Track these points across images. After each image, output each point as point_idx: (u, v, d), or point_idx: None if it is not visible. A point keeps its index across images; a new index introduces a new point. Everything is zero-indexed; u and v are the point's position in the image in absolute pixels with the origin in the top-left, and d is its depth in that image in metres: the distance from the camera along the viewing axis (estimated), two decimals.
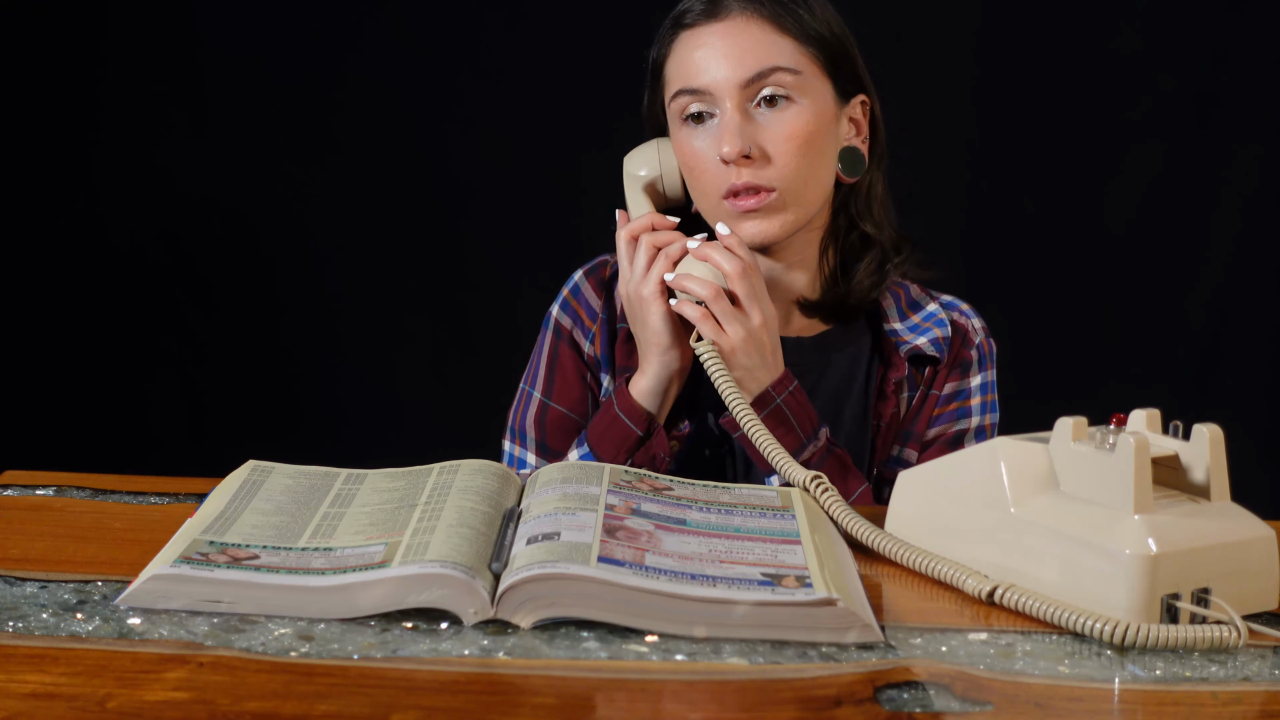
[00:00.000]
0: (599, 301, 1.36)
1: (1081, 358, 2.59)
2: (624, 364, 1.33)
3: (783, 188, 1.26)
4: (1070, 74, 2.52)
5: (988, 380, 1.38)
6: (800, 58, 1.26)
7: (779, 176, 1.26)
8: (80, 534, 1.01)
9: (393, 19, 2.51)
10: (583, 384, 1.35)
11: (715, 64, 1.25)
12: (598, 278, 1.38)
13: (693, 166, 1.29)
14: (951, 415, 1.36)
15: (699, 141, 1.27)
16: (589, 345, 1.36)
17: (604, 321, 1.35)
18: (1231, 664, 0.85)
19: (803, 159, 1.26)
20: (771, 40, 1.26)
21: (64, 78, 2.54)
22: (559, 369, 1.36)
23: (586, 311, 1.36)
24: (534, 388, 1.37)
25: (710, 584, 0.86)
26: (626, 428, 1.24)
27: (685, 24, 1.28)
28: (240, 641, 0.83)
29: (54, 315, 2.62)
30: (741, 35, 1.25)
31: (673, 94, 1.28)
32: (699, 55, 1.26)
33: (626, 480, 1.04)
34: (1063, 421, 0.94)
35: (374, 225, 2.58)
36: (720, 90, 1.25)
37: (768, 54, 1.25)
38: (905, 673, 0.81)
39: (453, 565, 0.86)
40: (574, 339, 1.36)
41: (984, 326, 1.40)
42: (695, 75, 1.26)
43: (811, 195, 1.29)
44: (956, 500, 0.98)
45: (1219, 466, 0.93)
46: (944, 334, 1.36)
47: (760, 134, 1.25)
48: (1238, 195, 2.53)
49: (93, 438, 2.60)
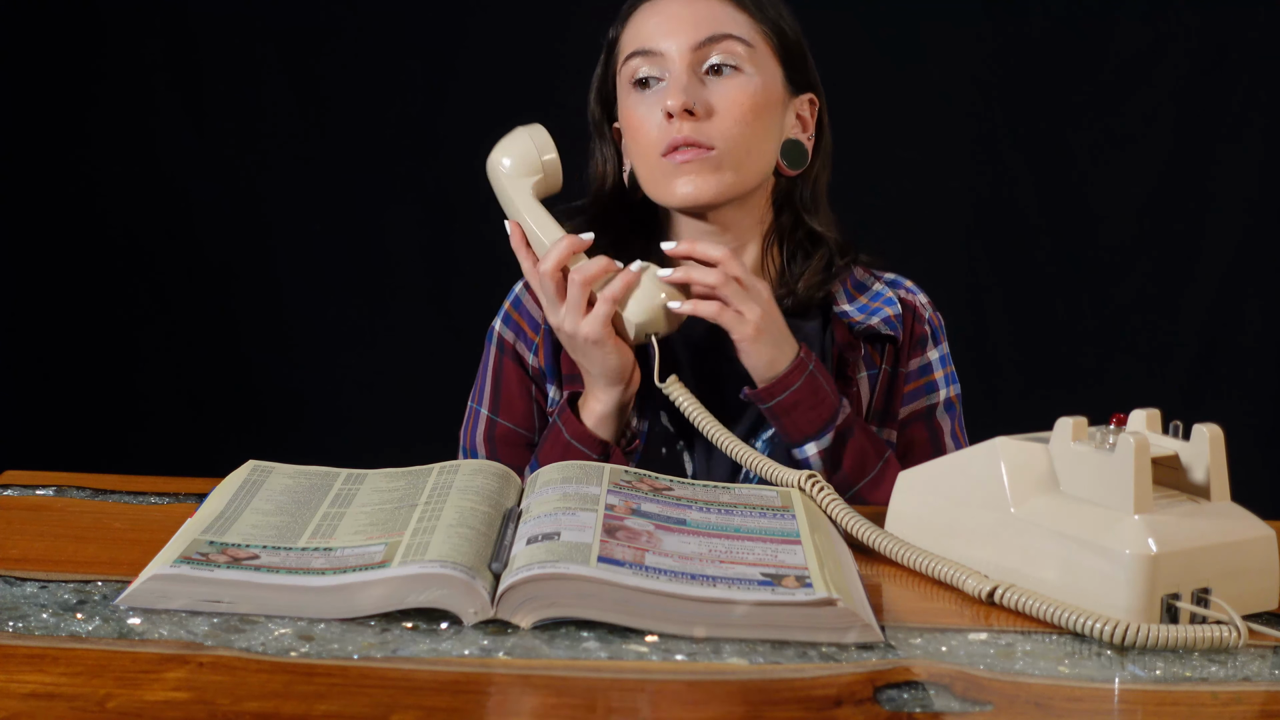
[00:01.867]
0: (540, 313, 1.35)
1: (1081, 358, 2.59)
2: (569, 372, 1.33)
3: (722, 147, 1.26)
4: (1070, 73, 2.52)
5: (945, 353, 1.38)
6: (754, 33, 1.29)
7: (720, 135, 1.26)
8: (80, 534, 1.01)
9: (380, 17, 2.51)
10: (528, 398, 1.35)
11: (669, 28, 1.27)
12: None
13: (636, 128, 1.29)
14: (920, 391, 1.35)
15: (645, 105, 1.28)
16: (533, 357, 1.35)
17: (546, 332, 1.35)
18: (1231, 664, 0.85)
19: (746, 126, 1.27)
20: (728, 13, 1.28)
21: (60, 78, 2.54)
22: (504, 385, 1.36)
23: (529, 323, 1.36)
24: (481, 404, 1.37)
25: (710, 584, 0.86)
26: (581, 454, 1.23)
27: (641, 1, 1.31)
28: (240, 641, 0.83)
29: (53, 315, 2.62)
30: (699, 4, 1.28)
31: (625, 58, 1.30)
32: (654, 22, 1.28)
33: (626, 480, 1.04)
34: (1063, 421, 0.94)
35: (374, 225, 2.58)
36: (671, 52, 1.27)
37: (722, 23, 1.27)
38: (905, 673, 0.81)
39: (453, 565, 0.86)
40: (517, 353, 1.36)
41: (930, 301, 1.40)
42: (648, 39, 1.28)
43: (750, 166, 1.29)
44: (956, 500, 0.98)
45: (1219, 466, 0.93)
46: (895, 312, 1.35)
47: (707, 94, 1.26)
48: (1238, 195, 2.53)
49: (93, 438, 2.60)
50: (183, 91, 2.55)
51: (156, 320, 2.62)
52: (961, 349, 2.75)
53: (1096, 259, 2.57)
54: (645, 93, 1.28)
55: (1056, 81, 2.52)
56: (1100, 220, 2.56)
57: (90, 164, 2.58)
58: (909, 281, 1.41)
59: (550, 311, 1.23)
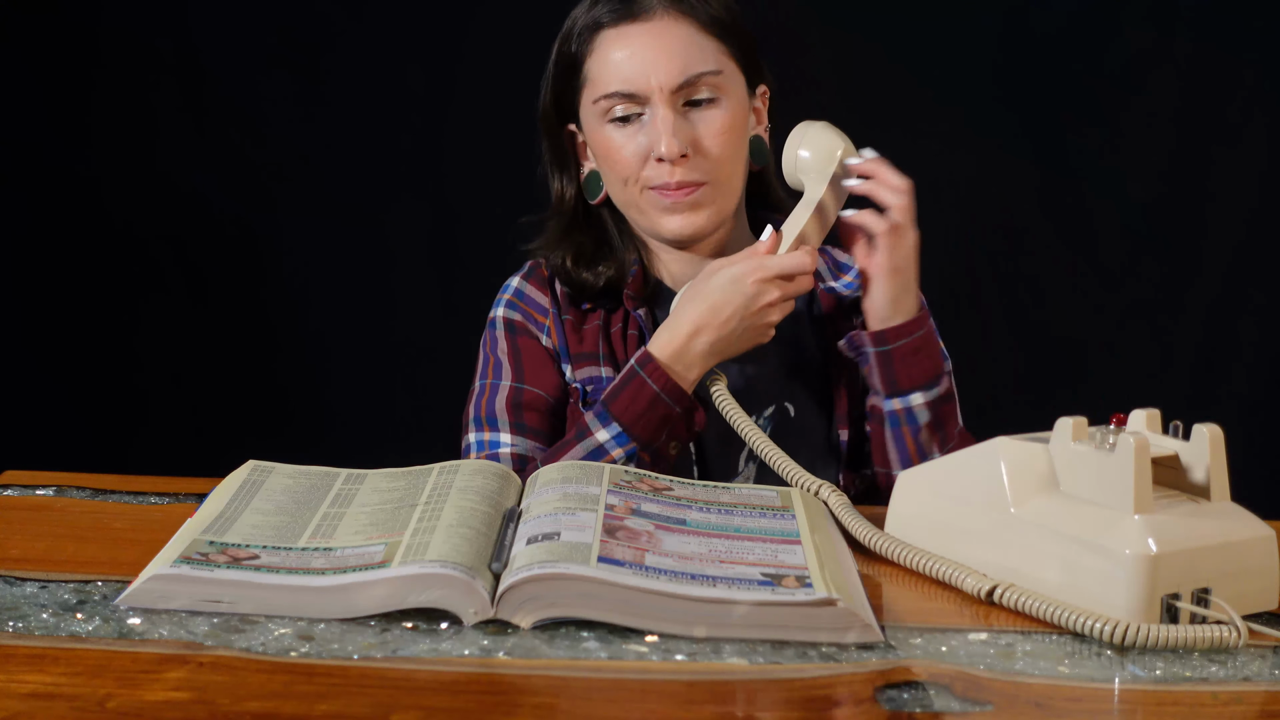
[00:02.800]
0: (546, 298, 1.37)
1: (1082, 358, 2.59)
2: (577, 350, 1.34)
3: (711, 179, 1.29)
4: (1071, 74, 2.52)
5: None
6: (721, 57, 1.29)
7: (710, 169, 1.28)
8: (80, 534, 1.01)
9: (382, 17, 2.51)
10: (555, 371, 1.35)
11: (645, 67, 1.27)
12: (538, 277, 1.39)
13: (617, 161, 1.29)
14: None
15: (627, 140, 1.29)
16: (546, 339, 1.36)
17: (554, 315, 1.36)
18: (1231, 664, 0.85)
19: (731, 152, 1.30)
20: (695, 40, 1.28)
21: (62, 78, 2.54)
22: (525, 356, 1.35)
23: (536, 309, 1.37)
24: (499, 378, 1.36)
25: (710, 584, 0.86)
26: (666, 406, 1.23)
27: (605, 23, 1.29)
28: (240, 641, 0.83)
29: (53, 315, 2.62)
30: (667, 36, 1.27)
31: (599, 96, 1.29)
32: (625, 56, 1.28)
33: (626, 480, 1.04)
34: (1063, 421, 0.94)
35: (376, 224, 2.58)
36: (652, 95, 1.27)
37: (695, 58, 1.28)
38: (905, 673, 0.81)
39: (453, 565, 0.86)
40: (531, 332, 1.36)
41: None
42: (626, 79, 1.27)
43: (734, 187, 1.33)
44: (956, 500, 0.98)
45: (1219, 466, 0.93)
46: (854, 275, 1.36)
47: (690, 132, 1.28)
48: (1239, 195, 2.53)
49: (93, 438, 2.60)
50: (185, 91, 2.55)
51: (157, 320, 2.62)
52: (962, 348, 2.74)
53: (1097, 259, 2.56)
54: (626, 127, 1.29)
55: (1057, 81, 2.51)
56: (1101, 220, 2.56)
57: (91, 163, 2.57)
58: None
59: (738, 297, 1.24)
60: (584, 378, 1.34)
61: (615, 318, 1.36)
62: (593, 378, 1.34)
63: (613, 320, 1.36)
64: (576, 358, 1.34)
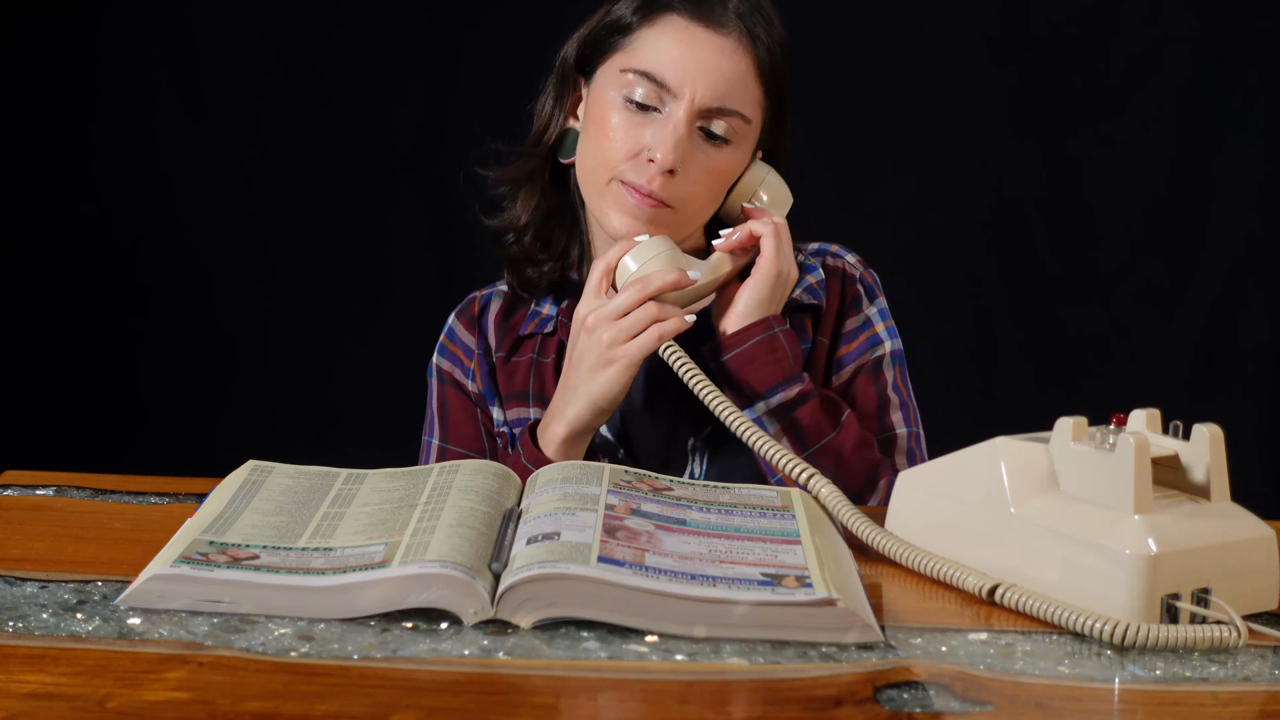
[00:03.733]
0: (473, 339, 1.37)
1: (1082, 357, 2.59)
2: (508, 390, 1.34)
3: (679, 209, 1.26)
4: (1072, 74, 2.52)
5: (882, 307, 1.38)
6: (756, 108, 1.27)
7: (684, 199, 1.26)
8: (80, 534, 1.01)
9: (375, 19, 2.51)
10: (474, 421, 1.35)
11: (693, 73, 1.23)
12: (468, 316, 1.39)
13: (609, 140, 1.25)
14: (864, 346, 1.35)
15: (631, 128, 1.25)
16: (471, 384, 1.36)
17: (480, 356, 1.36)
18: (1231, 664, 0.85)
19: (711, 194, 1.29)
20: (746, 78, 1.26)
21: (61, 79, 2.54)
22: (449, 412, 1.36)
23: (463, 351, 1.37)
24: (431, 436, 1.37)
25: (710, 584, 0.86)
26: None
27: (677, 7, 1.25)
28: (240, 641, 0.83)
29: (53, 315, 2.62)
30: (728, 59, 1.24)
31: (632, 68, 1.25)
32: (680, 51, 1.24)
33: (626, 480, 1.04)
34: (1063, 421, 0.94)
35: (374, 225, 2.58)
36: (680, 99, 1.23)
37: (738, 94, 1.25)
38: (905, 673, 0.81)
39: (453, 565, 0.86)
40: (456, 380, 1.37)
41: (859, 260, 1.41)
42: (669, 70, 1.24)
43: (695, 224, 1.31)
44: (956, 500, 0.98)
45: (1219, 466, 0.93)
46: (817, 279, 1.36)
47: (690, 157, 1.25)
48: (1239, 195, 2.53)
49: (93, 438, 2.60)
50: (183, 92, 2.55)
51: (157, 320, 2.62)
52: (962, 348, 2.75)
53: (1098, 259, 2.57)
54: (633, 113, 1.25)
55: (1058, 82, 2.52)
56: (1102, 220, 2.56)
57: (90, 164, 2.58)
58: (834, 246, 1.41)
59: (592, 306, 1.22)
60: (514, 419, 1.33)
61: (548, 347, 1.34)
62: (521, 419, 1.33)
63: (545, 351, 1.34)
64: (507, 398, 1.34)
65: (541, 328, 1.35)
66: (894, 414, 1.34)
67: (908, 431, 1.34)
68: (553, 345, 1.34)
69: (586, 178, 1.29)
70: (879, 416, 1.33)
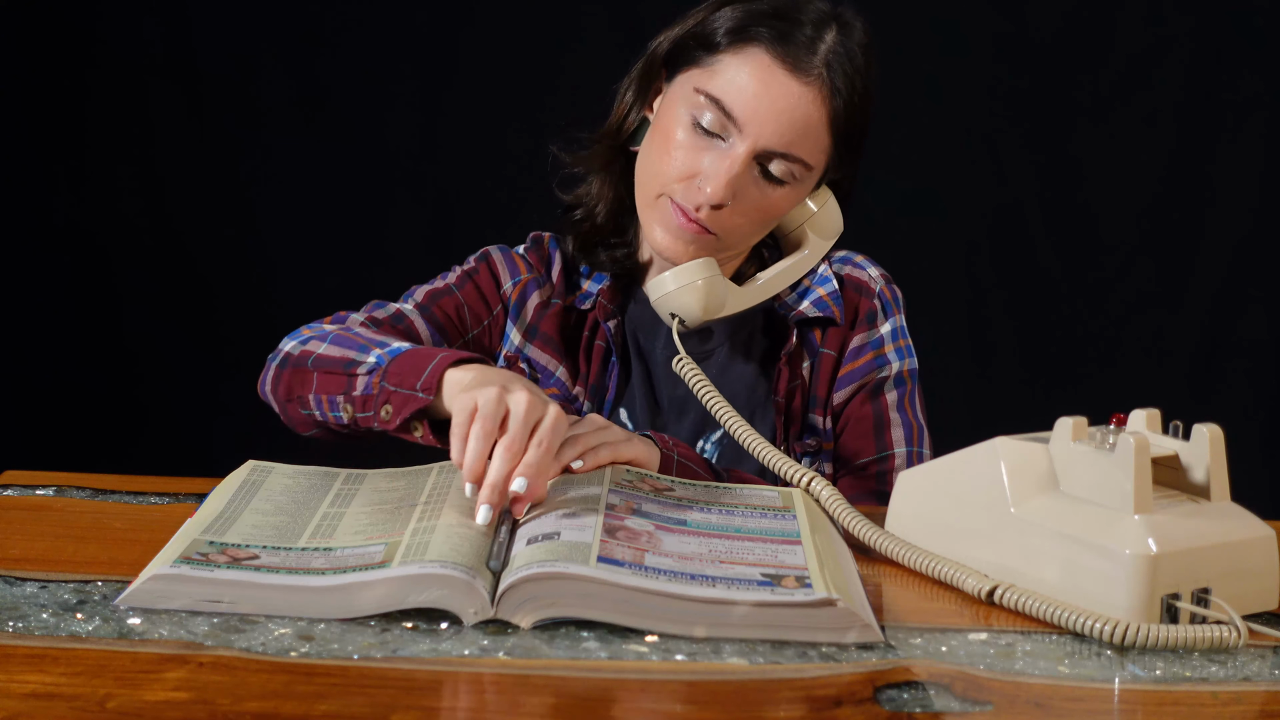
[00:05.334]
0: (538, 268, 1.36)
1: (1082, 357, 2.59)
2: (535, 324, 1.33)
3: (724, 238, 1.25)
4: (1072, 74, 2.52)
5: (898, 325, 1.35)
6: (820, 155, 1.25)
7: (730, 230, 1.25)
8: (80, 534, 1.01)
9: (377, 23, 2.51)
10: (456, 314, 1.33)
11: (762, 113, 1.21)
12: (539, 251, 1.38)
13: (667, 157, 1.24)
14: (870, 365, 1.33)
15: (692, 149, 1.23)
16: (512, 290, 1.35)
17: (532, 283, 1.34)
18: (1231, 664, 0.85)
19: (755, 228, 1.27)
20: (816, 127, 1.23)
21: (60, 79, 2.54)
22: (452, 294, 1.34)
23: (526, 267, 1.35)
24: (445, 280, 1.36)
25: (709, 584, 0.86)
26: (419, 399, 1.08)
27: (765, 41, 1.22)
28: (240, 641, 0.83)
29: (53, 315, 2.62)
30: (801, 106, 1.21)
31: (706, 91, 1.22)
32: (755, 90, 1.21)
33: (628, 480, 1.04)
34: (1063, 421, 0.94)
35: (373, 226, 2.58)
36: (745, 134, 1.21)
37: (804, 141, 1.22)
38: (905, 673, 0.81)
39: (453, 565, 0.86)
40: (495, 276, 1.35)
41: (883, 274, 1.37)
42: (739, 105, 1.21)
43: (739, 251, 1.31)
44: (956, 500, 0.98)
45: (1219, 466, 0.93)
46: (828, 292, 1.33)
47: (742, 191, 1.23)
48: (1238, 195, 2.53)
49: (93, 438, 2.60)
50: (182, 92, 2.55)
51: (157, 320, 2.62)
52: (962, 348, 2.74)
53: (1097, 259, 2.57)
54: (697, 136, 1.23)
55: (1058, 82, 2.51)
56: (1101, 220, 2.56)
57: (88, 164, 2.57)
58: (859, 256, 1.39)
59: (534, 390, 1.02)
60: (535, 357, 1.32)
61: (583, 320, 1.34)
62: (541, 364, 1.32)
63: (585, 324, 1.34)
64: (532, 330, 1.33)
65: (580, 303, 1.34)
66: (893, 432, 1.31)
67: (907, 451, 1.31)
68: (588, 320, 1.33)
69: (642, 181, 1.29)
70: (875, 436, 1.31)
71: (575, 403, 1.31)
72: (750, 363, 1.33)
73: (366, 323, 1.28)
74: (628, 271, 1.35)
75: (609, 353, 1.32)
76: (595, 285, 1.35)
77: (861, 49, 1.27)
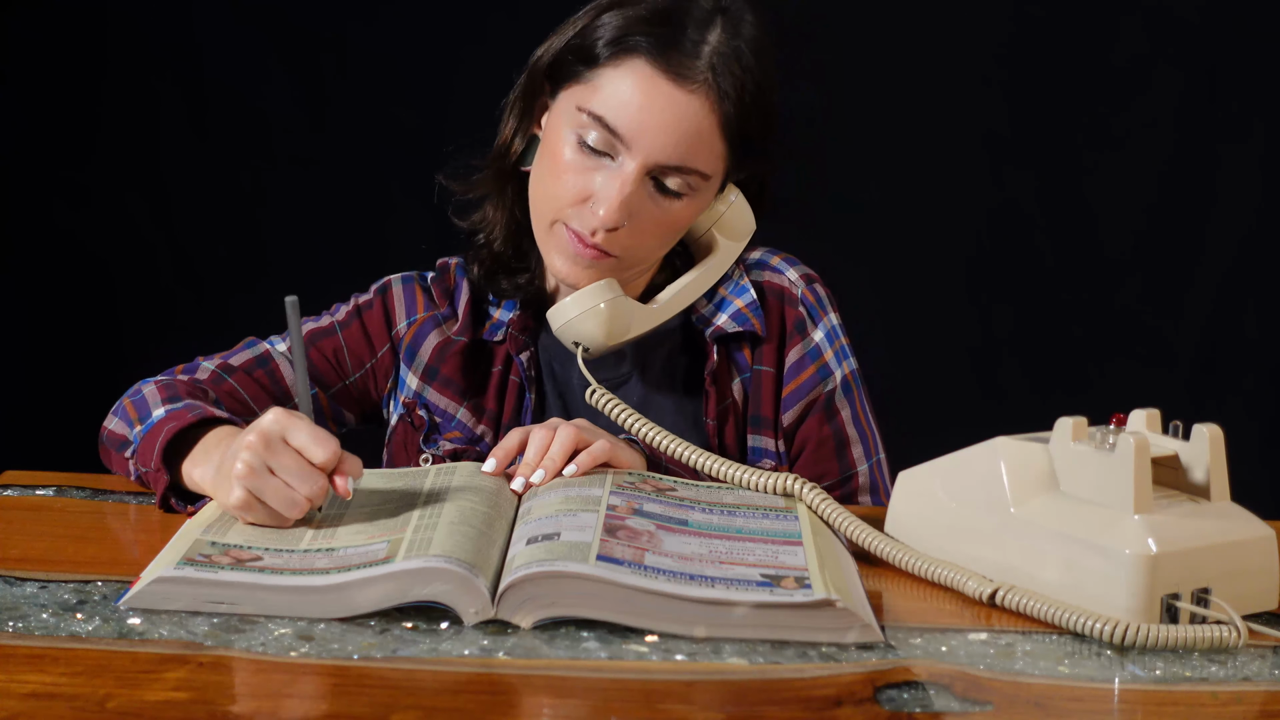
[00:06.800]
0: (439, 305, 1.31)
1: (1082, 358, 2.59)
2: (434, 366, 1.27)
3: (625, 258, 1.20)
4: (1072, 76, 2.52)
5: (830, 327, 1.28)
6: (717, 161, 1.19)
7: (629, 248, 1.19)
8: (80, 534, 1.01)
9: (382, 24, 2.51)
10: (327, 364, 1.31)
11: (648, 128, 1.14)
12: (442, 285, 1.32)
13: (556, 180, 1.18)
14: (814, 379, 1.26)
15: (580, 170, 1.17)
16: (403, 332, 1.29)
17: (431, 321, 1.29)
18: (1231, 664, 0.85)
19: (658, 243, 1.21)
20: (707, 136, 1.16)
21: (63, 80, 2.54)
22: (328, 341, 1.32)
23: (423, 305, 1.31)
24: (273, 340, 1.36)
25: (709, 584, 0.86)
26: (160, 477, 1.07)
27: (644, 52, 1.15)
28: (240, 641, 0.83)
29: (54, 315, 2.62)
30: (689, 118, 1.15)
31: (587, 109, 1.16)
32: (639, 104, 1.15)
33: (629, 481, 1.04)
34: (1063, 421, 0.94)
35: (376, 228, 2.58)
36: (636, 153, 1.15)
37: (697, 153, 1.16)
38: (905, 673, 0.81)
39: (455, 561, 0.86)
40: (388, 319, 1.31)
41: (804, 274, 1.30)
42: (623, 121, 1.15)
43: (644, 267, 1.25)
44: (956, 501, 0.98)
45: (1219, 466, 0.93)
46: (747, 303, 1.27)
47: (638, 210, 1.17)
48: (1239, 196, 2.53)
49: (93, 438, 2.60)
50: (185, 94, 2.55)
51: (157, 320, 2.62)
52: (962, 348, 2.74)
53: (1098, 259, 2.57)
54: (585, 156, 1.17)
55: (1058, 83, 2.51)
56: (1102, 221, 2.56)
57: (91, 165, 2.58)
58: (776, 258, 1.31)
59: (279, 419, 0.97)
60: (433, 401, 1.27)
61: (496, 355, 1.28)
62: (440, 407, 1.26)
63: (496, 358, 1.28)
64: (431, 372, 1.27)
65: (491, 334, 1.28)
66: (853, 450, 1.27)
67: (869, 464, 1.27)
68: (500, 354, 1.27)
69: (535, 206, 1.22)
70: (838, 457, 1.26)
71: (479, 444, 1.25)
72: (673, 385, 1.27)
73: (174, 381, 1.25)
74: (534, 298, 1.28)
75: (523, 388, 1.26)
76: (506, 314, 1.28)
77: (751, 43, 1.18)
